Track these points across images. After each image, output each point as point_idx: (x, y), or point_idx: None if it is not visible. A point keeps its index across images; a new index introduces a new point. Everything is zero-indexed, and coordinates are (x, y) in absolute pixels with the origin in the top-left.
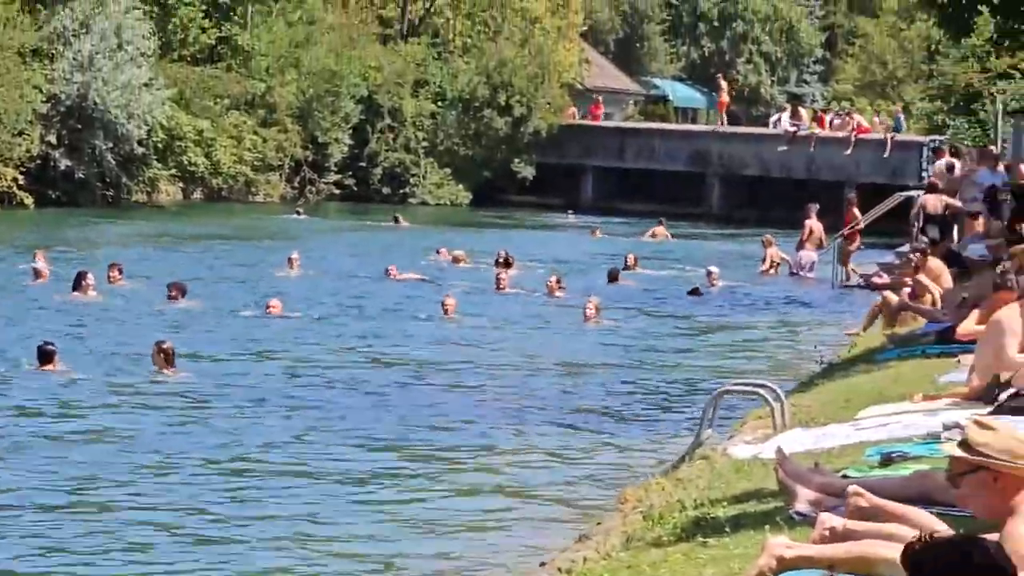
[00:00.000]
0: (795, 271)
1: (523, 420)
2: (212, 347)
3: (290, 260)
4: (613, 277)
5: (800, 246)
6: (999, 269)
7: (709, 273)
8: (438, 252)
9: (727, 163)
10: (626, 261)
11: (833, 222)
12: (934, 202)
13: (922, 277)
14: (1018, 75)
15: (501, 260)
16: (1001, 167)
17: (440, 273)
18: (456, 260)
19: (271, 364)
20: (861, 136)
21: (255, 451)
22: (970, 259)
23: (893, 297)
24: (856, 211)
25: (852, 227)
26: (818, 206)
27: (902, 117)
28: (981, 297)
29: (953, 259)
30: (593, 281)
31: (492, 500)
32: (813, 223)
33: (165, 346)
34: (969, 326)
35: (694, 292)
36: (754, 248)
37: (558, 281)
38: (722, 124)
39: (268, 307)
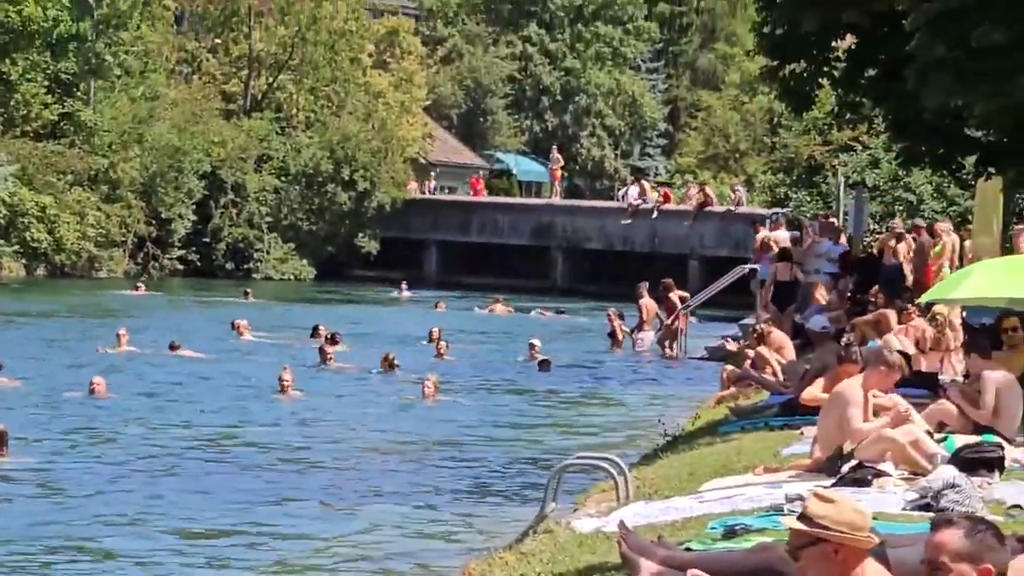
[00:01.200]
0: (637, 350)
1: (367, 497)
2: (36, 428)
3: (118, 336)
4: (439, 352)
5: (639, 327)
6: (843, 342)
7: (531, 346)
8: (233, 326)
9: (571, 237)
10: (430, 335)
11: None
12: (784, 270)
13: (763, 349)
14: (859, 148)
15: (326, 336)
16: (843, 239)
17: (227, 347)
18: (240, 332)
19: (99, 446)
20: (705, 208)
21: (88, 536)
22: (812, 331)
23: (731, 367)
24: (675, 297)
25: (674, 317)
26: (647, 283)
27: (742, 191)
28: (823, 369)
29: (797, 331)
30: (432, 356)
31: None
32: (647, 302)
33: None
34: (815, 392)
35: (543, 366)
36: (598, 322)
37: (390, 359)
38: (556, 196)
39: (92, 386)
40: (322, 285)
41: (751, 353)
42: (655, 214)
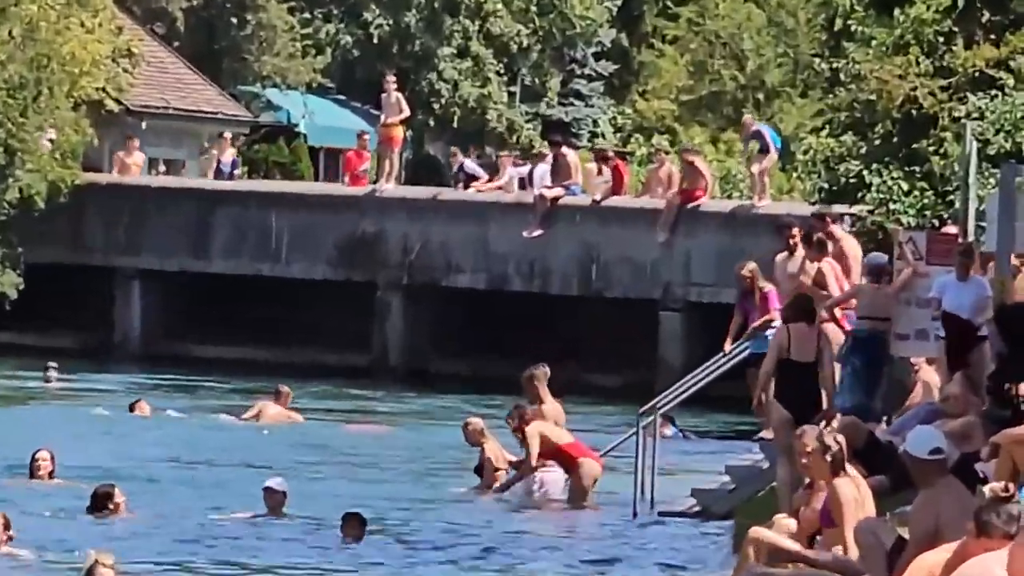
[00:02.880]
0: (536, 497)
1: None
2: None
3: None
4: (97, 504)
5: (531, 459)
6: (984, 491)
7: (267, 491)
8: None
9: (419, 264)
10: (31, 465)
11: (631, 380)
12: (802, 336)
13: (844, 483)
14: (1008, 82)
15: None
16: (979, 269)
17: None
18: None
19: None
20: (693, 202)
21: None
22: (914, 458)
23: (768, 536)
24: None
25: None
26: (547, 369)
27: (767, 134)
28: (934, 535)
29: (878, 457)
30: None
31: None
32: (550, 409)
33: None
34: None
35: (350, 528)
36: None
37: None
38: (389, 179)
39: None
40: None
41: (807, 500)
42: (589, 217)
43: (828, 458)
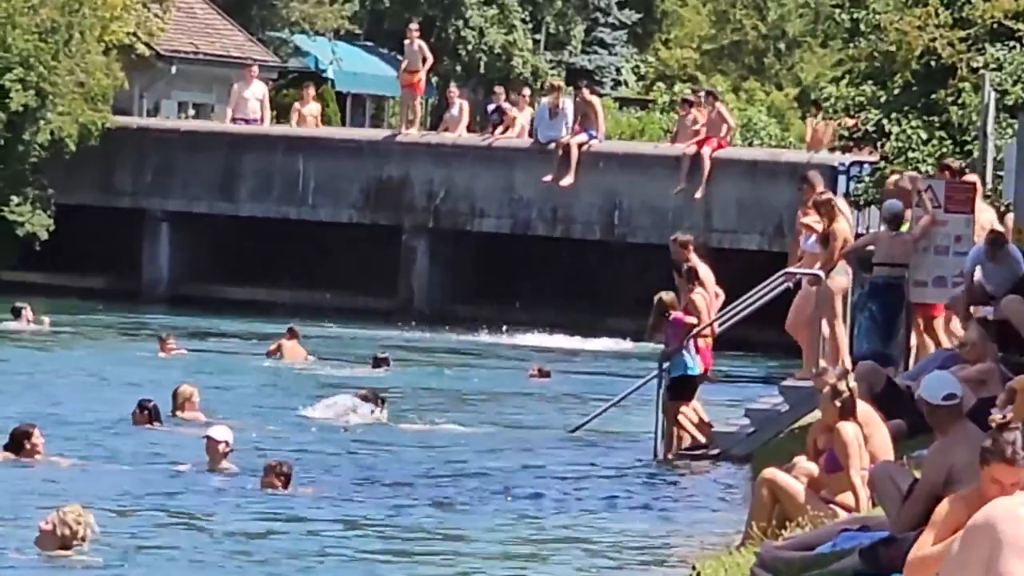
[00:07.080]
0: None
1: None
2: None
3: None
4: (15, 444)
5: None
6: (994, 426)
7: (210, 440)
8: None
9: (444, 209)
10: None
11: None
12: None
13: (846, 438)
14: None
15: None
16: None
17: None
18: None
19: None
20: (716, 149)
21: None
22: (928, 403)
23: (781, 477)
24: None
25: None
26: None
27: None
28: (947, 480)
29: (896, 402)
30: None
31: None
32: None
33: None
34: (928, 546)
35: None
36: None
37: None
38: (414, 125)
39: None
40: None
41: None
42: (605, 163)
43: (837, 403)
